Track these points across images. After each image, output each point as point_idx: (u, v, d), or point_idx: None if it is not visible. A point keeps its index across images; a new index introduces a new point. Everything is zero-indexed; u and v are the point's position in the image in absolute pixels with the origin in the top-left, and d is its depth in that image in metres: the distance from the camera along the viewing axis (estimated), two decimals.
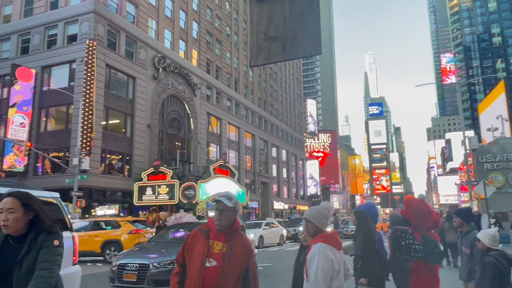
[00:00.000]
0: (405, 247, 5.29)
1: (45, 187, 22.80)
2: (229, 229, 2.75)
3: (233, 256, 2.68)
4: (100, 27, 27.63)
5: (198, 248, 2.73)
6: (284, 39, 2.45)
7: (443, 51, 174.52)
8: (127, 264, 7.92)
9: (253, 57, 2.61)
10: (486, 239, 4.09)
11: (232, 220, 2.77)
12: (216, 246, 2.70)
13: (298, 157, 72.03)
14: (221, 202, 2.70)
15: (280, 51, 2.45)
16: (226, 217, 2.72)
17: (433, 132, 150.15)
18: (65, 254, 5.10)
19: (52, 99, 27.80)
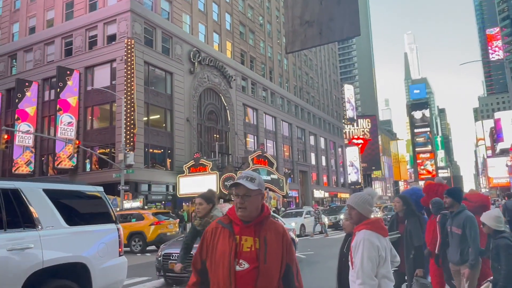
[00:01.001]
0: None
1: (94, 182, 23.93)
2: (258, 218, 2.16)
3: (269, 253, 2.10)
4: (137, 25, 28.36)
5: (222, 247, 2.13)
6: (321, 22, 2.37)
7: (489, 25, 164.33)
8: (172, 253, 7.90)
9: (289, 43, 2.56)
10: (491, 221, 3.94)
11: (260, 206, 2.19)
12: (245, 243, 2.11)
13: (337, 144, 70.90)
14: (241, 185, 2.11)
15: (316, 35, 2.37)
16: (251, 203, 2.13)
17: (481, 112, 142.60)
18: (111, 245, 5.36)
19: (96, 98, 29.00)
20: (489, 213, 4.08)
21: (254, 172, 2.25)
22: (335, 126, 71.09)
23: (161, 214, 17.33)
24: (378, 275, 2.73)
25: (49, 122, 31.26)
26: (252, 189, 2.12)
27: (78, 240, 4.77)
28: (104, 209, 5.51)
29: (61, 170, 28.81)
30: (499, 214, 4.06)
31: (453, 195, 4.74)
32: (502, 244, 3.77)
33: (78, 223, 4.98)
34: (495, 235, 3.91)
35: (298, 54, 58.06)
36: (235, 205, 2.17)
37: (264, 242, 2.13)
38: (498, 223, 3.93)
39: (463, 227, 4.51)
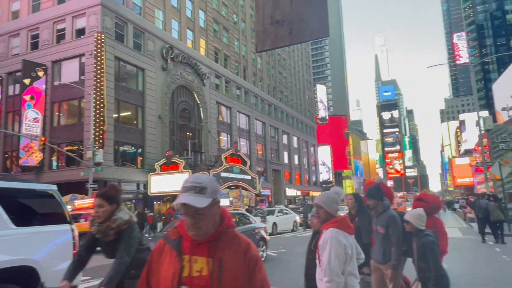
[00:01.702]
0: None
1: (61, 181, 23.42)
2: (214, 234, 1.72)
3: (225, 276, 1.65)
4: (107, 19, 27.66)
5: (166, 271, 1.71)
6: (291, 22, 2.39)
7: (455, 30, 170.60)
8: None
9: (259, 42, 2.56)
10: (415, 220, 4.02)
11: (216, 219, 1.74)
12: (195, 265, 1.68)
13: (310, 143, 71.79)
14: (187, 205, 1.66)
15: (287, 35, 2.39)
16: (206, 221, 1.69)
17: (447, 113, 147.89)
18: (64, 247, 5.04)
19: (63, 93, 28.08)
20: (413, 212, 4.14)
21: (202, 177, 1.75)
22: (307, 125, 71.95)
23: None
24: (344, 273, 2.79)
25: (13, 117, 30.03)
26: (203, 206, 1.65)
27: (27, 242, 4.51)
28: (58, 209, 5.23)
29: (25, 168, 27.71)
30: (423, 213, 4.12)
31: (374, 196, 4.74)
32: (427, 242, 3.83)
33: (27, 224, 4.72)
34: (417, 234, 3.99)
35: (272, 54, 58.30)
36: (186, 224, 1.70)
37: (219, 263, 1.66)
38: (421, 222, 4.01)
39: (386, 226, 4.52)
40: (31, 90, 27.56)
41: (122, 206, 3.44)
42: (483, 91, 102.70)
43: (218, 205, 1.75)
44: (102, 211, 3.33)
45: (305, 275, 3.53)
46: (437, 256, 3.83)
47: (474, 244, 14.59)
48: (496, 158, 22.68)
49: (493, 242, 14.48)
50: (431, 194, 5.58)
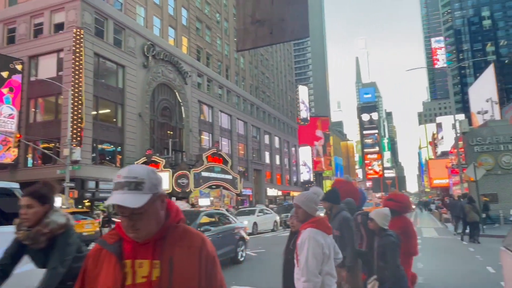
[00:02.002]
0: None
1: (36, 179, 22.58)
2: (159, 232, 1.47)
3: (177, 279, 1.42)
4: (87, 14, 27.11)
5: (105, 279, 1.45)
6: (272, 22, 2.39)
7: (434, 35, 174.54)
8: None
9: (240, 41, 2.55)
10: (379, 218, 4.06)
11: (160, 217, 1.48)
12: (139, 269, 1.44)
13: (291, 144, 72.19)
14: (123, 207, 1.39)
15: (267, 35, 2.39)
16: (146, 221, 1.43)
17: (424, 116, 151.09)
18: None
19: (40, 89, 27.36)
20: (379, 210, 4.19)
21: (138, 169, 1.46)
22: (289, 125, 72.32)
23: (79, 213, 16.89)
24: (322, 272, 2.81)
25: None
26: (141, 205, 1.38)
27: None
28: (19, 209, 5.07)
29: (0, 166, 26.89)
30: (389, 213, 4.16)
31: (330, 199, 4.77)
32: (388, 242, 3.89)
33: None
34: (380, 233, 4.05)
35: (255, 54, 58.34)
36: (123, 225, 1.44)
37: (169, 265, 1.42)
38: (385, 221, 4.06)
39: (340, 229, 4.53)
40: (9, 83, 26.76)
41: (56, 207, 2.94)
42: (459, 95, 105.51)
43: (161, 200, 1.48)
44: (32, 213, 2.79)
45: (283, 275, 3.54)
46: (396, 257, 3.85)
47: (449, 244, 14.96)
48: (471, 160, 23.32)
49: (467, 242, 14.89)
50: (401, 194, 5.62)
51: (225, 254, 9.98)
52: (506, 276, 4.60)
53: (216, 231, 9.83)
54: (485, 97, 46.27)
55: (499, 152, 24.19)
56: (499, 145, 24.25)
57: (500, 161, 24.04)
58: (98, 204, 27.59)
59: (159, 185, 1.48)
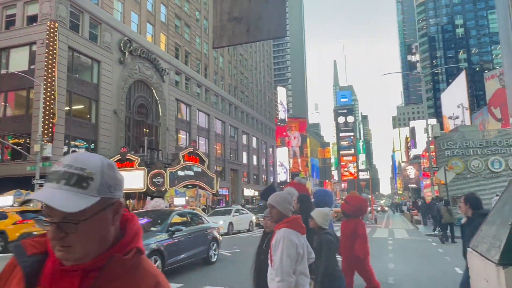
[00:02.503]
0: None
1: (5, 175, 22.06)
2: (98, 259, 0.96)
3: None
4: (61, 7, 26.36)
5: None
6: (249, 20, 2.38)
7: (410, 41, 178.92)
8: None
9: (216, 38, 2.52)
10: (319, 218, 4.13)
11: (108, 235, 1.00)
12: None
13: (269, 144, 72.44)
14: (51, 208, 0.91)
15: (244, 33, 2.38)
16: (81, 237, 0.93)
17: (398, 120, 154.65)
18: None
19: (11, 83, 26.41)
20: (319, 210, 4.27)
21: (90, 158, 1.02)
22: (267, 126, 72.55)
23: (31, 212, 16.40)
24: (296, 272, 2.81)
25: None
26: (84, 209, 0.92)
27: None
28: None
29: None
30: (329, 213, 4.21)
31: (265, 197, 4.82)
32: (325, 240, 3.96)
33: None
34: (319, 231, 4.13)
35: (234, 53, 58.23)
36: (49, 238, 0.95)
37: None
38: (324, 221, 4.10)
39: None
40: None
41: None
42: (432, 100, 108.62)
43: (114, 210, 1.01)
44: None
45: (255, 275, 3.52)
46: (330, 256, 3.88)
47: (419, 245, 15.34)
48: (441, 164, 24.02)
49: (437, 243, 15.33)
50: (357, 197, 5.61)
51: (197, 254, 9.96)
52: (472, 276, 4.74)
53: (188, 231, 9.68)
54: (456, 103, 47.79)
55: (469, 156, 25.03)
56: (469, 150, 25.09)
57: (469, 165, 24.89)
58: None
59: (115, 188, 1.01)
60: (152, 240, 8.18)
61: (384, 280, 7.86)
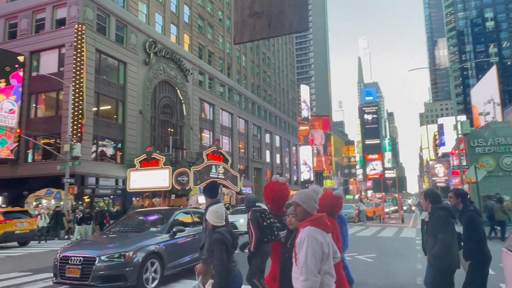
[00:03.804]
0: (268, 227, 5.32)
1: (37, 174, 22.77)
2: None
3: None
4: (89, 10, 27.04)
5: None
6: (270, 14, 2.34)
7: (437, 35, 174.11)
8: (71, 257, 6.92)
9: (237, 34, 2.49)
10: (210, 217, 4.13)
11: None
12: None
13: (292, 143, 72.11)
14: None
15: (265, 27, 2.33)
16: None
17: (426, 117, 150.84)
18: None
19: (41, 85, 27.32)
20: (210, 209, 4.28)
21: None
22: (290, 125, 72.23)
23: (17, 212, 17.43)
24: (321, 272, 2.75)
25: None
26: None
27: None
28: None
29: (0, 161, 26.88)
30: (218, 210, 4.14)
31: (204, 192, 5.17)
32: (214, 239, 3.91)
33: None
34: (213, 230, 4.08)
35: (257, 52, 58.23)
36: None
37: None
38: (215, 218, 4.07)
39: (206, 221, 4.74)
40: (8, 80, 26.71)
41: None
42: (461, 96, 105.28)
43: None
44: None
45: (280, 274, 3.48)
46: (220, 253, 3.82)
47: None
48: (472, 161, 23.24)
49: None
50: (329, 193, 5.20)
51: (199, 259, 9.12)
52: (507, 278, 4.55)
53: (193, 232, 8.67)
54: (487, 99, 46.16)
55: (500, 154, 24.11)
56: (500, 147, 24.16)
57: (501, 163, 23.97)
58: (98, 200, 27.58)
59: None
60: (150, 241, 7.51)
61: (412, 281, 7.66)
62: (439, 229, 4.38)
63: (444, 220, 4.41)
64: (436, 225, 4.44)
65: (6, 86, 26.81)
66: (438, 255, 4.38)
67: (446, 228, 4.36)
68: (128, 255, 6.82)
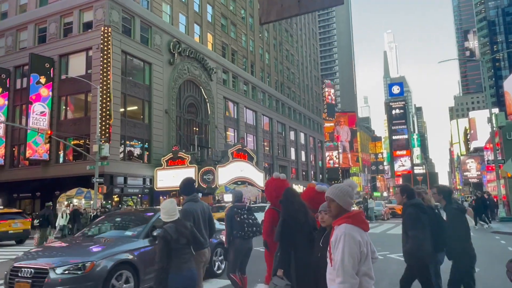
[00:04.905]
0: (239, 223, 5.60)
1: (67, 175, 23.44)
2: None
3: None
4: (114, 13, 27.49)
5: None
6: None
7: (467, 26, 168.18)
8: (22, 268, 5.73)
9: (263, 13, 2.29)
10: (161, 214, 4.09)
11: None
12: None
13: (317, 140, 71.32)
14: None
15: (295, 4, 2.11)
16: None
17: (456, 111, 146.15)
18: None
19: (70, 87, 28.03)
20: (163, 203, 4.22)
21: None
22: (315, 121, 71.44)
23: (12, 213, 18.34)
24: (359, 273, 2.51)
25: (20, 111, 30.10)
26: None
27: None
28: None
29: (33, 161, 27.78)
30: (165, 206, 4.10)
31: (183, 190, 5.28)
32: (157, 235, 3.95)
33: None
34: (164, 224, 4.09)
35: (280, 49, 57.85)
36: None
37: None
38: (165, 215, 4.04)
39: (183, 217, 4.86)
40: (40, 84, 27.54)
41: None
42: (493, 88, 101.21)
43: None
44: None
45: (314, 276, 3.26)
46: (160, 251, 3.80)
47: (486, 242, 14.19)
48: (508, 155, 22.17)
49: (506, 240, 14.11)
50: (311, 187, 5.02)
51: None
52: None
53: None
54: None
55: None
56: None
57: None
58: (127, 199, 28.05)
59: None
60: (122, 248, 6.08)
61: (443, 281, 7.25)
62: (410, 226, 4.53)
63: (415, 217, 4.52)
64: (407, 222, 4.59)
65: (46, 83, 27.64)
66: (409, 251, 4.53)
67: (416, 225, 4.49)
68: (88, 266, 5.50)
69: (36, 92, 27.38)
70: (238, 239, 5.62)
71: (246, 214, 5.69)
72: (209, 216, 5.40)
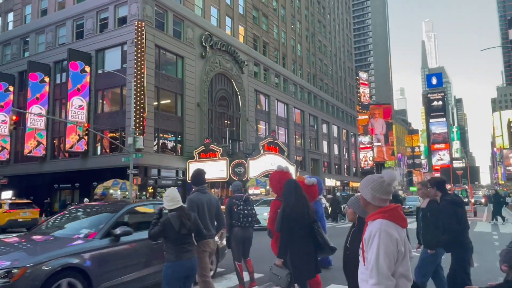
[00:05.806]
0: (236, 214, 5.94)
1: (104, 166, 24.24)
2: None
3: None
4: (148, 7, 27.87)
5: None
6: None
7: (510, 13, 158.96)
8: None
9: None
10: (163, 201, 4.28)
11: None
12: None
13: (350, 133, 69.89)
14: None
15: None
16: None
17: (499, 102, 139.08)
18: None
19: (106, 81, 28.76)
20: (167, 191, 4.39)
21: None
22: (348, 114, 69.98)
23: (23, 204, 19.90)
24: (395, 274, 2.26)
25: (60, 105, 31.26)
26: None
27: None
28: None
29: (72, 153, 28.84)
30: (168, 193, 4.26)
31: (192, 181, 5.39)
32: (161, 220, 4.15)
33: None
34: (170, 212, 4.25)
35: (313, 40, 56.87)
36: None
37: None
38: (167, 202, 4.19)
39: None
40: (79, 78, 28.47)
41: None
42: None
43: None
44: None
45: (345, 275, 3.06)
46: (157, 233, 4.15)
47: None
48: None
49: None
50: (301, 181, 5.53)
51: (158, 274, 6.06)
52: None
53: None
54: None
55: None
56: None
57: None
58: (161, 191, 28.62)
59: None
60: (68, 250, 4.92)
61: (493, 280, 6.80)
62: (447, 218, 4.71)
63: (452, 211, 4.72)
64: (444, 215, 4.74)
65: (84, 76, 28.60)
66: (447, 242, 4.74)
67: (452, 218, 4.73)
68: (17, 273, 4.32)
69: (80, 82, 28.27)
70: (237, 228, 5.98)
71: (242, 204, 5.99)
72: (217, 208, 5.44)
